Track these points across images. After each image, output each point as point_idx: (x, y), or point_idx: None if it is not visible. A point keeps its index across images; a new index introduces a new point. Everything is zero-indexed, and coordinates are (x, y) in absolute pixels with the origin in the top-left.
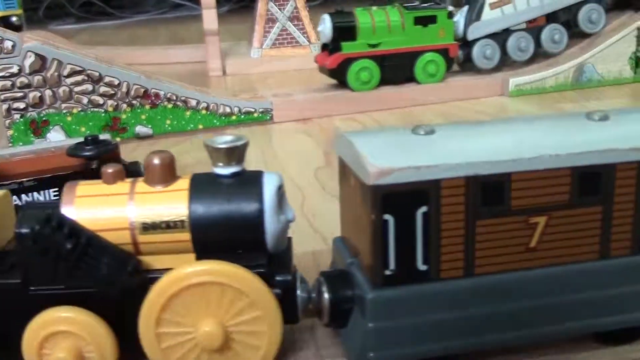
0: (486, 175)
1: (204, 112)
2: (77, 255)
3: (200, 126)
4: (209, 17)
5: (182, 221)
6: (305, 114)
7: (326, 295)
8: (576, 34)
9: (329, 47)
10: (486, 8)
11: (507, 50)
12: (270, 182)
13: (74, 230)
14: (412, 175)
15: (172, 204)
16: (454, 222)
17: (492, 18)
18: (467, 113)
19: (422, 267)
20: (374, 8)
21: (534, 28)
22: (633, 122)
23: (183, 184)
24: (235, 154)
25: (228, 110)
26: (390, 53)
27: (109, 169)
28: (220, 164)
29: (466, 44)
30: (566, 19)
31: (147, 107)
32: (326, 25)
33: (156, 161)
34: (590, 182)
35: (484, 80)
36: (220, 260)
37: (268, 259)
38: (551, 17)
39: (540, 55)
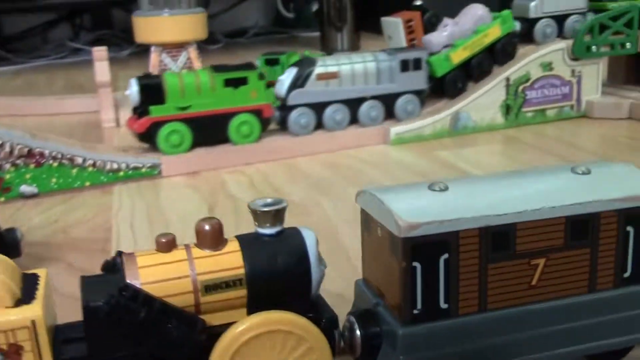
0: (496, 226)
1: (90, 169)
2: (151, 322)
3: (87, 183)
4: (101, 69)
5: (240, 280)
6: (193, 167)
7: (358, 332)
8: (392, 115)
9: (138, 111)
10: (312, 77)
11: (323, 120)
12: (309, 237)
13: (147, 298)
14: (436, 228)
15: (229, 264)
16: (470, 267)
17: (316, 89)
18: (352, 161)
19: (443, 305)
20: (184, 71)
21: (353, 101)
22: (611, 175)
23: (234, 245)
24: (279, 215)
25: (115, 166)
26: (201, 115)
27: (163, 239)
28: (267, 225)
29: (285, 107)
30: (385, 101)
31: (32, 166)
32: (133, 88)
33: (207, 227)
34: (580, 228)
35: (369, 130)
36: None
37: (311, 303)
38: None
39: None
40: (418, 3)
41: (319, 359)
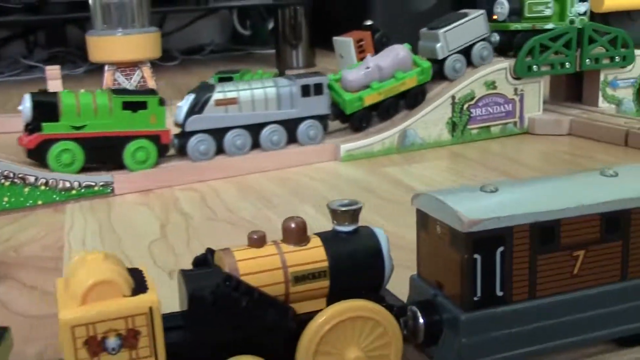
0: (543, 222)
1: (43, 187)
2: (250, 310)
3: (40, 202)
4: (55, 88)
5: (324, 272)
6: (145, 185)
7: (421, 320)
8: (295, 140)
9: (29, 127)
10: (211, 103)
11: (223, 146)
12: (381, 235)
13: (247, 288)
14: (493, 224)
15: (314, 258)
16: (521, 258)
17: (214, 115)
18: (303, 178)
19: (499, 293)
20: (82, 90)
21: (253, 126)
22: (636, 176)
23: (317, 241)
24: (356, 215)
25: (68, 185)
26: (96, 136)
27: (254, 235)
28: (346, 223)
29: (184, 133)
30: (287, 126)
31: None
32: (26, 104)
33: (293, 225)
34: (613, 223)
35: (319, 147)
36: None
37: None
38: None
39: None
40: (368, 23)
41: (392, 342)
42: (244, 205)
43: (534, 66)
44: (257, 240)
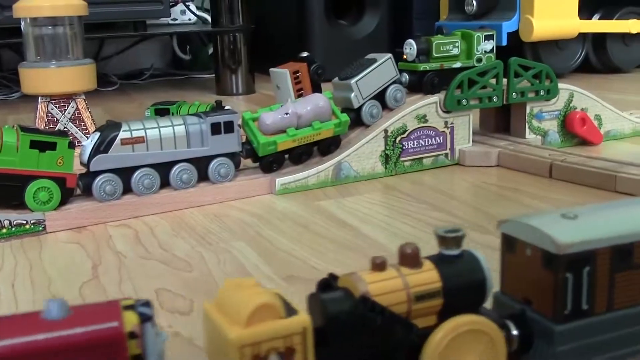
0: (621, 244)
1: None
2: (383, 327)
3: None
4: None
5: (439, 291)
6: (79, 222)
7: (514, 332)
8: (207, 179)
9: None
10: (117, 142)
11: (131, 185)
12: (482, 259)
13: (380, 308)
14: (581, 247)
15: (430, 279)
16: (603, 276)
17: (120, 154)
18: (238, 213)
19: (584, 306)
20: None
21: (162, 165)
22: None
23: (429, 265)
24: (460, 241)
25: None
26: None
27: (377, 260)
28: (453, 248)
29: (89, 173)
30: (198, 165)
31: None
32: None
33: (410, 251)
34: None
35: (256, 181)
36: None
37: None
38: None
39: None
40: (304, 54)
41: (498, 352)
42: (178, 242)
43: (463, 100)
44: (380, 265)
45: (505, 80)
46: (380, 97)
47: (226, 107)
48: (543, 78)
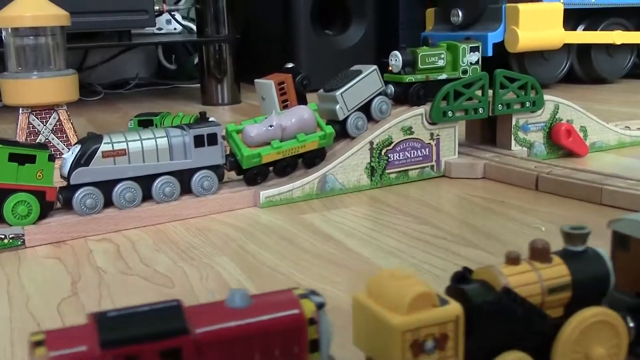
0: None
1: None
2: (523, 317)
3: None
4: None
5: (568, 284)
6: (59, 236)
7: (631, 324)
8: (190, 192)
9: None
10: (98, 155)
11: (112, 199)
12: (605, 254)
13: (522, 299)
14: None
15: (560, 273)
16: None
17: (102, 167)
18: (222, 227)
19: None
20: None
21: (144, 178)
22: None
23: (558, 260)
24: (586, 237)
25: None
26: None
27: (512, 255)
28: (578, 244)
29: (70, 186)
30: (181, 178)
31: None
32: None
33: (541, 246)
34: None
35: (240, 193)
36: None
37: None
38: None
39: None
40: (289, 65)
41: (622, 343)
42: (160, 257)
43: (449, 112)
44: (514, 260)
45: (491, 92)
46: (365, 108)
47: (210, 119)
48: (529, 90)
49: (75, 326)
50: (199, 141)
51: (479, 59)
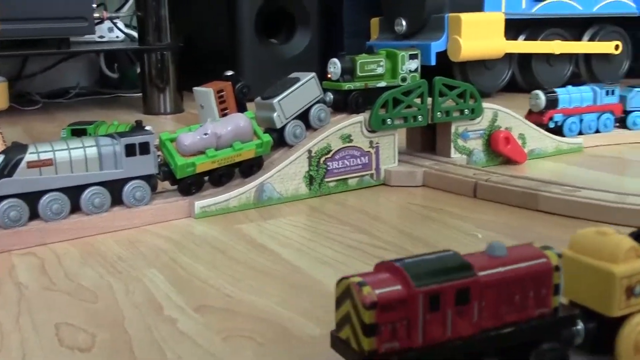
0: None
1: None
2: None
3: None
4: None
5: None
6: None
7: None
8: (121, 202)
9: None
10: (22, 165)
11: (38, 211)
12: None
13: None
14: None
15: None
16: None
17: (27, 178)
18: (153, 238)
19: None
20: None
21: (72, 189)
22: None
23: None
24: None
25: None
26: None
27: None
28: None
29: None
30: (111, 188)
31: None
32: None
33: None
34: None
35: (174, 204)
36: None
37: None
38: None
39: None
40: (229, 73)
41: None
42: (86, 271)
43: (388, 119)
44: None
45: (430, 100)
46: (303, 116)
47: (146, 127)
48: (467, 97)
49: (374, 272)
50: (130, 150)
51: (418, 67)
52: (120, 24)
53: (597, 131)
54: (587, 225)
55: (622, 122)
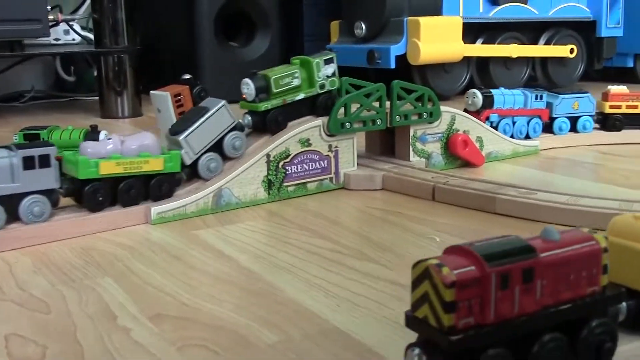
0: None
1: None
2: None
3: None
4: None
5: None
6: None
7: None
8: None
9: None
10: None
11: None
12: None
13: None
14: None
15: None
16: None
17: None
18: (108, 246)
19: None
20: None
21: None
22: None
23: None
24: None
25: None
26: None
27: None
28: None
29: None
30: (8, 204)
31: None
32: None
33: None
34: None
35: (129, 210)
36: None
37: None
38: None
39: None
40: (187, 77)
41: None
42: (38, 281)
43: (347, 123)
44: None
45: (388, 103)
46: (218, 146)
47: (102, 132)
48: (425, 101)
49: (446, 256)
50: (29, 163)
51: (335, 71)
52: (77, 26)
53: (527, 136)
54: (542, 227)
55: (548, 128)
